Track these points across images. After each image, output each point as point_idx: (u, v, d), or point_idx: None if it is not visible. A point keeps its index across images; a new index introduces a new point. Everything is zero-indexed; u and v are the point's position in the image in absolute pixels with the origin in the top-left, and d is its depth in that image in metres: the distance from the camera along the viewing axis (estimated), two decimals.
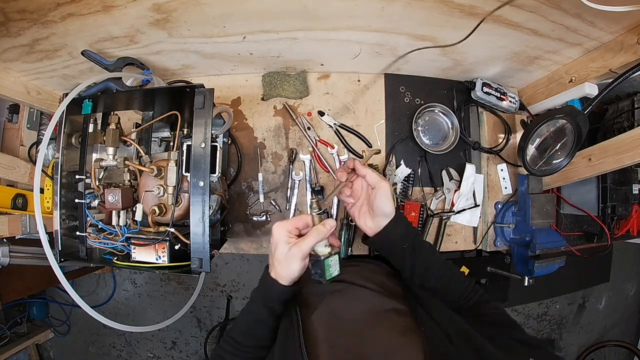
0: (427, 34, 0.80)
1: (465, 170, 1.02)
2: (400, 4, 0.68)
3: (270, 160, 1.01)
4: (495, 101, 1.03)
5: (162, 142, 0.89)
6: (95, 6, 0.66)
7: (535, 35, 0.79)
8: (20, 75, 0.91)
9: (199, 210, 0.66)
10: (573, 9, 0.68)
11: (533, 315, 2.51)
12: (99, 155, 0.79)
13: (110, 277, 2.38)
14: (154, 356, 2.42)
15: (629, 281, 2.76)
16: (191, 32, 0.77)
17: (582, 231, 1.16)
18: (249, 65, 0.96)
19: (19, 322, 2.18)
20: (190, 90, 0.69)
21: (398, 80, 1.04)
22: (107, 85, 0.79)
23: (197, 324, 2.36)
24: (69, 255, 0.75)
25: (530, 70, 0.98)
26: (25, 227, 1.06)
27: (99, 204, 0.77)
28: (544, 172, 0.92)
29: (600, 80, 0.87)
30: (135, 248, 0.72)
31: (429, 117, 1.05)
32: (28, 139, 1.07)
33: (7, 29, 0.71)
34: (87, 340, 2.43)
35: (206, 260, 0.66)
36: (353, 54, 0.90)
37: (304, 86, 1.00)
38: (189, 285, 2.32)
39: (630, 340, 2.65)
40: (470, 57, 0.91)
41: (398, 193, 0.99)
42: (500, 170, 1.07)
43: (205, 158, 0.66)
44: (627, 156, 0.78)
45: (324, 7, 0.69)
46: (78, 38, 0.76)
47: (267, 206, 1.00)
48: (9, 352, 2.00)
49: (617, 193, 1.11)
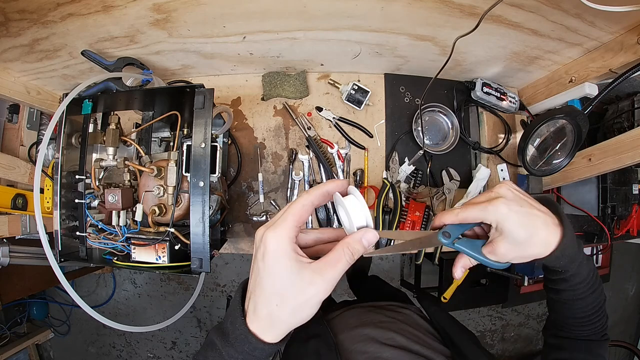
0: (427, 34, 0.80)
1: (478, 171, 1.02)
2: (400, 4, 0.68)
3: (270, 160, 1.01)
4: (495, 101, 1.03)
5: (162, 142, 0.89)
6: (95, 6, 0.66)
7: (535, 35, 0.79)
8: (20, 75, 0.91)
9: (199, 210, 0.66)
10: (573, 9, 0.68)
11: (533, 315, 2.51)
12: (99, 155, 0.79)
13: (110, 277, 2.38)
14: (154, 356, 2.42)
15: (629, 281, 2.76)
16: (191, 32, 0.77)
17: (582, 231, 1.16)
18: (249, 65, 0.96)
19: (19, 322, 2.17)
20: (190, 90, 0.69)
21: (398, 80, 1.04)
22: (107, 85, 0.79)
23: (197, 324, 2.36)
24: (69, 255, 0.75)
25: (530, 70, 0.98)
26: (25, 227, 1.06)
27: (99, 204, 0.77)
28: (544, 172, 0.92)
29: (600, 80, 0.87)
30: (135, 248, 0.72)
31: (429, 117, 1.05)
32: (28, 139, 1.07)
33: (7, 29, 0.71)
34: (87, 340, 2.43)
35: (206, 260, 0.66)
36: (353, 54, 0.90)
37: (304, 86, 1.00)
38: (189, 285, 2.32)
39: (630, 340, 2.65)
40: (470, 57, 0.91)
41: (403, 191, 1.00)
42: (500, 170, 1.07)
43: (205, 158, 0.66)
44: (627, 156, 0.78)
45: (324, 7, 0.69)
46: (78, 38, 0.76)
47: (267, 206, 1.00)
48: (9, 352, 2.00)
49: (617, 193, 1.11)
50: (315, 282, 0.31)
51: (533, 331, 2.52)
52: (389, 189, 0.98)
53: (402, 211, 0.99)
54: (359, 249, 0.33)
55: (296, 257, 0.32)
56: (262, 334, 0.32)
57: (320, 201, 0.35)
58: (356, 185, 0.99)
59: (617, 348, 2.45)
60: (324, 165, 0.96)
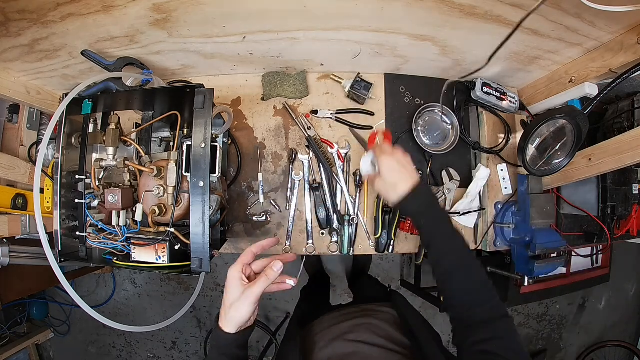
0: (427, 34, 0.80)
1: (478, 171, 1.02)
2: (400, 4, 0.68)
3: (270, 160, 1.01)
4: (495, 101, 1.03)
5: (162, 142, 0.89)
6: (95, 6, 0.66)
7: (535, 35, 0.79)
8: (20, 75, 0.91)
9: (199, 210, 0.66)
10: (573, 9, 0.68)
11: (533, 315, 2.51)
12: (99, 155, 0.79)
13: (110, 277, 2.38)
14: (154, 356, 2.43)
15: (629, 281, 2.76)
16: (191, 32, 0.77)
17: (582, 231, 1.16)
18: (249, 65, 0.96)
19: (19, 322, 2.17)
20: (190, 90, 0.69)
21: (398, 80, 1.04)
22: (107, 85, 0.79)
23: (197, 324, 2.36)
24: (69, 255, 0.75)
25: (530, 70, 0.98)
26: (25, 227, 1.06)
27: (99, 204, 0.77)
28: (544, 172, 0.92)
29: (600, 80, 0.87)
30: (135, 248, 0.72)
31: (429, 117, 1.05)
32: (28, 139, 1.07)
33: (7, 29, 0.71)
34: (87, 340, 2.43)
35: (206, 260, 0.66)
36: (353, 54, 0.90)
37: (304, 86, 1.00)
38: (189, 285, 2.32)
39: (630, 340, 2.65)
40: (470, 57, 0.91)
41: None
42: (500, 171, 1.07)
43: (205, 158, 0.66)
44: (627, 156, 0.78)
45: (324, 7, 0.69)
46: (78, 38, 0.76)
47: (267, 206, 1.00)
48: (9, 352, 2.00)
49: (617, 193, 1.11)
50: (244, 296, 0.53)
51: (533, 331, 2.52)
52: None
53: None
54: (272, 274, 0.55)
55: (240, 282, 0.55)
56: (225, 327, 0.55)
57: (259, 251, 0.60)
58: (356, 185, 0.99)
59: (617, 348, 2.45)
60: (324, 165, 0.96)
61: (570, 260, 1.60)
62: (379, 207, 0.97)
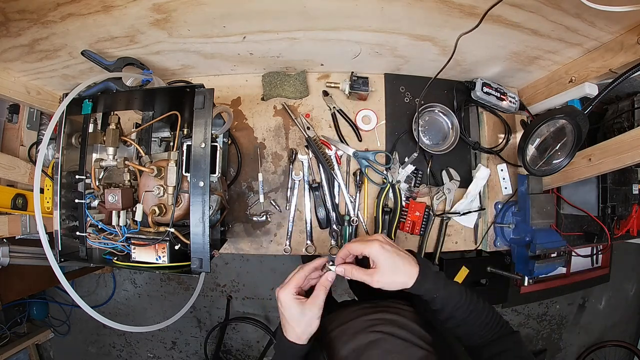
0: (427, 34, 0.80)
1: (478, 171, 1.02)
2: (400, 4, 0.68)
3: (270, 160, 1.01)
4: (495, 101, 1.03)
5: (162, 142, 0.89)
6: (95, 6, 0.66)
7: (535, 35, 0.79)
8: (20, 75, 0.91)
9: (199, 210, 0.66)
10: (573, 9, 0.68)
11: (533, 315, 2.51)
12: (99, 155, 0.79)
13: (110, 277, 2.38)
14: (154, 356, 2.43)
15: (629, 281, 2.76)
16: (191, 32, 0.77)
17: (582, 231, 1.16)
18: (249, 65, 0.96)
19: (19, 322, 2.18)
20: (190, 90, 0.69)
21: (398, 80, 1.04)
22: (107, 85, 0.79)
23: (197, 324, 2.36)
24: (69, 255, 0.75)
25: (530, 70, 0.98)
26: (25, 227, 1.06)
27: (99, 204, 0.77)
28: (544, 172, 0.92)
29: (600, 80, 0.87)
30: (135, 248, 0.72)
31: (429, 117, 1.05)
32: (28, 139, 1.07)
33: (7, 29, 0.71)
34: (87, 340, 2.43)
35: (206, 260, 0.66)
36: (353, 54, 0.90)
37: (304, 86, 1.00)
38: (189, 285, 2.32)
39: (630, 340, 2.65)
40: (470, 57, 0.91)
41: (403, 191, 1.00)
42: (500, 171, 1.07)
43: (205, 158, 0.66)
44: (627, 156, 0.78)
45: (324, 7, 0.69)
46: (78, 38, 0.76)
47: (267, 206, 1.00)
48: (9, 352, 2.01)
49: (617, 193, 1.11)
50: (309, 309, 0.57)
51: (533, 331, 2.52)
52: (389, 189, 0.98)
53: (402, 211, 0.99)
54: (328, 283, 0.60)
55: (297, 301, 0.58)
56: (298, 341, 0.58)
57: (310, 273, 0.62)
58: (356, 185, 0.99)
59: (617, 348, 2.45)
60: (323, 166, 0.96)
61: (570, 260, 1.60)
62: (379, 207, 0.97)
